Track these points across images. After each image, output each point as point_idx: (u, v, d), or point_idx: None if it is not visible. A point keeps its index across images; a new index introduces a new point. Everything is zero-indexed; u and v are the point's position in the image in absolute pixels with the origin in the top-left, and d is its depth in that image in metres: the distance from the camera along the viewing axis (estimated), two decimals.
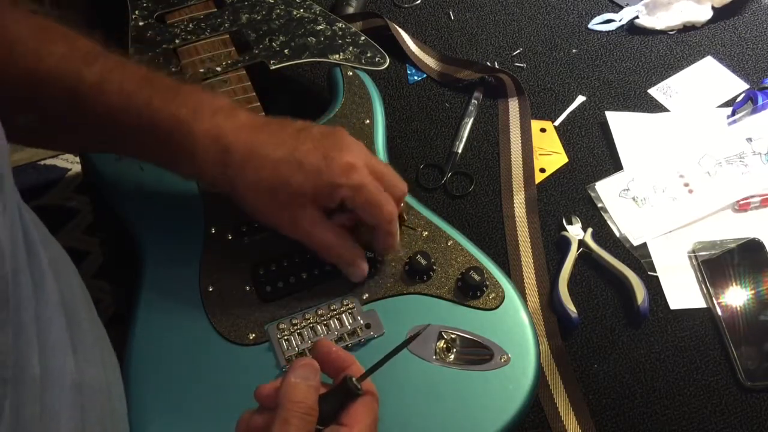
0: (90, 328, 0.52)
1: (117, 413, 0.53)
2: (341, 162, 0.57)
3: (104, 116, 0.56)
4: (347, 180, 0.57)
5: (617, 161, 0.81)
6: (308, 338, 0.60)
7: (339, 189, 0.57)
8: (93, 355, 0.49)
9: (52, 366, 0.43)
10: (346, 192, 0.57)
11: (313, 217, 0.59)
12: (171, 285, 0.63)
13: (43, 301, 0.43)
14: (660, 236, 0.75)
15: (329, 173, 0.57)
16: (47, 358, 0.42)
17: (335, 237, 0.60)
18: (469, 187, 0.80)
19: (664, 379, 0.67)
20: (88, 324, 0.51)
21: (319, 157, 0.57)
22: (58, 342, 0.44)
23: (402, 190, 0.62)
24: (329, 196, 0.58)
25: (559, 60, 0.91)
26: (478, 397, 0.58)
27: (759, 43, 0.92)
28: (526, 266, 0.73)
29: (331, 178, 0.57)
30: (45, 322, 0.43)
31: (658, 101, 0.87)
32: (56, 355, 0.44)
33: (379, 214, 0.59)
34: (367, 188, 0.58)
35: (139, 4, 0.81)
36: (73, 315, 0.47)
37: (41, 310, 0.43)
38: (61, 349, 0.44)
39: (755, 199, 0.77)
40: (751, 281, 0.71)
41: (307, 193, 0.57)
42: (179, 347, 0.60)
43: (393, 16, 0.94)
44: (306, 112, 0.77)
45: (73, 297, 0.50)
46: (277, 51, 0.78)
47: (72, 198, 0.75)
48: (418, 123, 0.85)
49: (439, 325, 0.61)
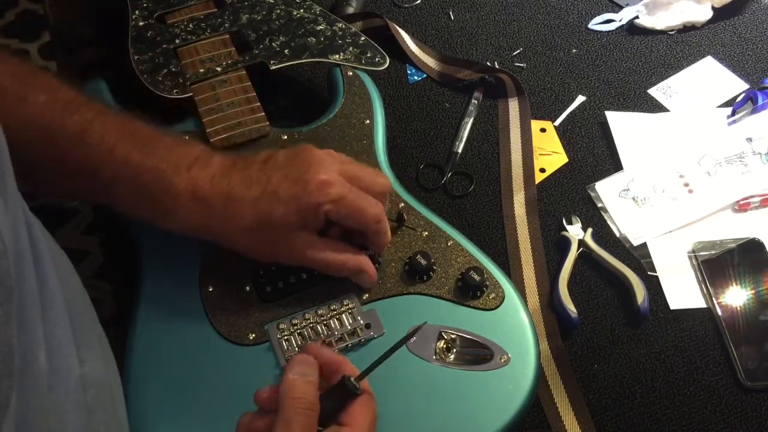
0: (91, 325, 0.52)
1: (118, 413, 0.53)
2: (315, 181, 0.57)
3: (86, 166, 0.56)
4: (326, 197, 0.57)
5: (617, 161, 0.81)
6: (308, 338, 0.60)
7: (321, 207, 0.57)
8: (95, 356, 0.50)
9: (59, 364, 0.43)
10: (328, 207, 0.58)
11: (307, 241, 0.59)
12: (171, 285, 0.63)
13: (48, 299, 0.44)
14: (660, 236, 0.75)
15: (306, 196, 0.57)
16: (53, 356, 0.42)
17: (335, 253, 0.60)
18: (469, 187, 0.80)
19: (664, 379, 0.67)
20: (89, 322, 0.52)
21: (292, 184, 0.58)
22: (64, 340, 0.45)
23: (383, 185, 0.62)
24: (314, 217, 0.58)
25: (559, 60, 0.91)
26: (478, 397, 0.58)
27: (759, 43, 0.92)
28: (526, 266, 0.73)
29: (309, 200, 0.57)
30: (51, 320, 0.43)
31: (658, 101, 0.87)
32: (62, 354, 0.44)
33: (364, 218, 0.59)
34: (347, 198, 0.58)
35: (139, 4, 0.81)
36: (75, 315, 0.47)
37: (47, 307, 0.43)
38: (67, 348, 0.45)
39: (755, 199, 0.77)
40: (751, 281, 0.71)
41: (292, 221, 0.58)
42: (179, 347, 0.60)
43: (393, 16, 0.94)
44: (306, 112, 0.77)
45: (75, 297, 0.50)
46: (277, 51, 0.78)
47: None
48: (418, 123, 0.85)
49: (439, 325, 0.61)
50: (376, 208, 0.60)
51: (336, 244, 0.61)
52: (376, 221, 0.60)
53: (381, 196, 0.62)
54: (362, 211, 0.59)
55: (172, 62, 0.76)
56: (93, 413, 0.46)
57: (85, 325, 0.50)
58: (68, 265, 0.52)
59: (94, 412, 0.46)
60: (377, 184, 0.61)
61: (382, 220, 0.61)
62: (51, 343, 0.42)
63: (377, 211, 0.60)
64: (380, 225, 0.61)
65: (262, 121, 0.71)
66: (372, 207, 0.60)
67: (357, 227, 0.60)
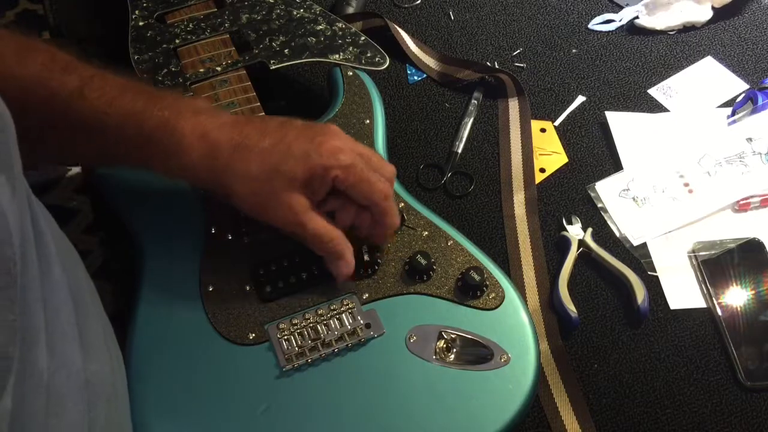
0: (97, 321, 0.52)
1: (120, 408, 0.53)
2: (329, 145, 0.58)
3: (88, 120, 0.56)
4: (336, 161, 0.58)
5: (617, 161, 0.81)
6: (308, 338, 0.60)
7: (330, 170, 0.58)
8: (99, 349, 0.50)
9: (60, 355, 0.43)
10: (337, 172, 0.58)
11: (304, 205, 0.59)
12: (171, 285, 0.63)
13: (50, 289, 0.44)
14: (660, 236, 0.75)
15: (318, 156, 0.57)
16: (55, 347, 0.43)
17: (324, 225, 0.60)
18: (469, 187, 0.80)
19: (664, 379, 0.67)
20: (95, 318, 0.52)
21: (307, 142, 0.58)
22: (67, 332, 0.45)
23: (390, 171, 0.62)
24: (321, 178, 0.58)
25: (559, 60, 0.91)
26: (478, 397, 0.58)
27: (759, 43, 0.92)
28: (526, 266, 0.73)
29: (321, 161, 0.57)
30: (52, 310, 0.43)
31: (658, 101, 0.87)
32: (64, 346, 0.44)
33: (372, 191, 0.59)
34: (358, 167, 0.58)
35: (139, 4, 0.81)
36: (80, 308, 0.47)
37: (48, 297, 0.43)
38: (69, 342, 0.45)
39: (755, 199, 0.77)
40: (751, 281, 0.71)
41: (298, 177, 0.57)
42: (179, 347, 0.60)
43: (393, 16, 0.94)
44: (306, 112, 0.77)
45: (81, 290, 0.50)
46: (277, 51, 0.78)
47: (72, 198, 0.75)
48: (418, 123, 0.85)
49: (439, 324, 0.61)
50: (384, 185, 0.60)
51: (330, 221, 0.60)
52: (383, 197, 0.60)
53: (389, 180, 0.62)
54: (370, 183, 0.59)
55: (172, 62, 0.76)
56: (94, 407, 0.46)
57: (91, 320, 0.50)
58: (75, 258, 0.52)
59: (95, 407, 0.47)
60: (386, 170, 0.62)
61: (390, 198, 0.60)
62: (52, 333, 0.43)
63: (385, 187, 0.60)
64: (387, 203, 0.60)
65: None
66: (380, 182, 0.60)
67: (363, 200, 0.60)
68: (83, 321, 0.47)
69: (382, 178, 0.60)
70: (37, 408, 0.40)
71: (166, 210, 0.67)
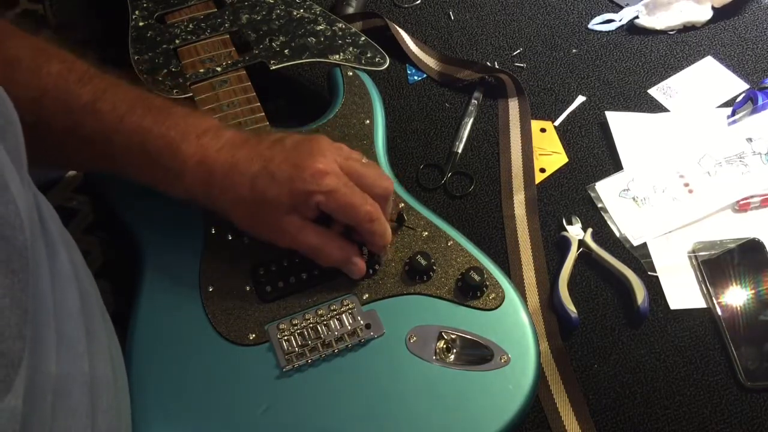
0: (100, 321, 0.52)
1: (122, 408, 0.54)
2: (312, 170, 0.58)
3: (98, 134, 0.58)
4: (318, 187, 0.58)
5: (617, 161, 0.81)
6: (308, 338, 0.60)
7: (312, 196, 0.58)
8: (102, 350, 0.50)
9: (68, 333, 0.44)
10: (319, 198, 0.58)
11: (295, 224, 0.60)
12: (171, 285, 0.63)
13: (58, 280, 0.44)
14: (660, 236, 0.75)
15: (302, 182, 0.58)
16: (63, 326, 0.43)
17: (320, 239, 0.60)
18: (469, 187, 0.80)
19: (664, 379, 0.67)
20: (99, 318, 0.52)
21: (290, 167, 0.58)
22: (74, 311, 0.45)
23: (384, 188, 0.62)
24: (305, 203, 0.59)
25: (559, 60, 0.91)
26: (478, 397, 0.58)
27: (759, 43, 0.92)
28: (526, 266, 0.73)
29: (303, 186, 0.58)
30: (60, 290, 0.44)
31: (658, 101, 0.87)
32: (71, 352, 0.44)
33: (355, 215, 0.60)
34: (340, 192, 0.59)
35: (139, 5, 0.81)
36: (84, 305, 0.48)
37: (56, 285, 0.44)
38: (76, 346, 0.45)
39: (755, 199, 0.77)
40: (751, 281, 0.71)
41: (283, 202, 0.58)
42: (179, 347, 0.60)
43: (393, 16, 0.94)
44: (306, 113, 0.77)
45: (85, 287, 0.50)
46: (277, 51, 0.78)
47: (72, 198, 0.75)
48: (418, 123, 0.85)
49: (439, 325, 0.61)
50: (368, 207, 0.60)
51: (325, 231, 0.61)
52: (368, 220, 0.60)
53: (381, 198, 0.61)
54: (353, 207, 0.59)
55: (172, 62, 0.76)
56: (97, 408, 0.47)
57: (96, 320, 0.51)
58: (78, 253, 0.53)
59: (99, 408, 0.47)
60: (378, 186, 0.61)
61: (375, 220, 0.60)
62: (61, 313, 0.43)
63: (370, 210, 0.60)
64: (373, 225, 0.60)
65: (262, 121, 0.71)
66: (364, 206, 0.60)
67: (348, 222, 0.60)
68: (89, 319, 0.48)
69: (368, 200, 0.60)
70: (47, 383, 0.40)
71: (167, 210, 0.67)
